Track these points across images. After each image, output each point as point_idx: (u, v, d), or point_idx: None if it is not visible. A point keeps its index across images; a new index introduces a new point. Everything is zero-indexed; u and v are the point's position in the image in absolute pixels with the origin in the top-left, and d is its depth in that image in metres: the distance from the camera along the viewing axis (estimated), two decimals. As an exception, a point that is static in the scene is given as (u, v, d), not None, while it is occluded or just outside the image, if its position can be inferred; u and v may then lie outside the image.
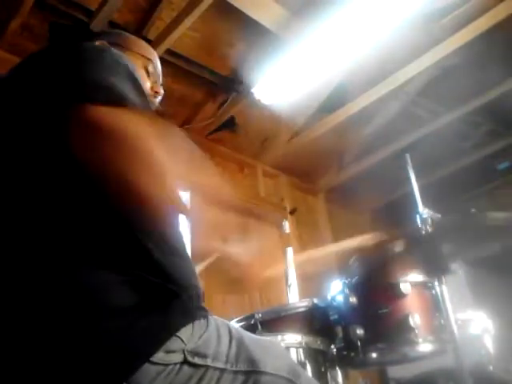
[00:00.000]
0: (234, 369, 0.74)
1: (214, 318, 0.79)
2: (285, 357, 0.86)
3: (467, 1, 2.68)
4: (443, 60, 2.95)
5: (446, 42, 2.83)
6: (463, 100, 3.37)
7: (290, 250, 3.64)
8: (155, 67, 1.24)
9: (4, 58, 2.59)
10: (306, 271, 0.82)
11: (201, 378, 0.70)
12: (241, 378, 0.74)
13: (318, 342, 1.60)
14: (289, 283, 3.57)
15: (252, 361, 0.76)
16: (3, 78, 0.92)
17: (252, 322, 1.63)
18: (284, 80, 2.91)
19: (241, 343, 0.78)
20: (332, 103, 3.31)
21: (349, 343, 1.66)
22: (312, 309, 1.74)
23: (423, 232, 1.46)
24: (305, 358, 1.54)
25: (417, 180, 1.73)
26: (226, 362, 0.74)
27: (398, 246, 1.47)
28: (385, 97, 3.22)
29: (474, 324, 1.75)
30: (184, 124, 3.28)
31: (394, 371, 2.44)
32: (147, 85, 1.19)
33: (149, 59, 1.23)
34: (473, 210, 1.35)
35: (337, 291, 1.77)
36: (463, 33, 2.76)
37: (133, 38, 1.29)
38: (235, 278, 0.89)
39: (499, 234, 1.38)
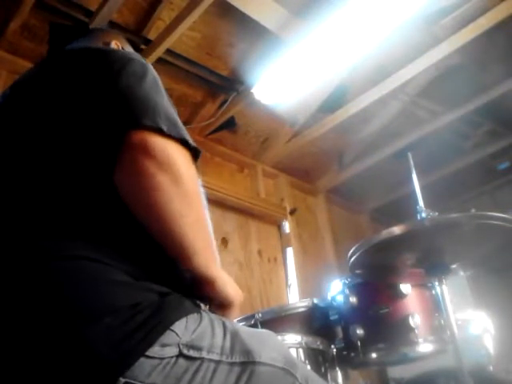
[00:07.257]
0: (229, 360, 0.73)
1: (207, 313, 0.79)
2: (281, 348, 0.84)
3: (467, 1, 2.68)
4: (443, 60, 2.94)
5: (446, 41, 2.83)
6: (463, 100, 3.36)
7: (289, 250, 3.64)
8: None
9: (4, 57, 2.59)
10: None
11: (197, 370, 0.70)
12: (237, 369, 0.73)
13: (318, 342, 1.60)
14: (289, 283, 3.57)
15: (247, 352, 0.75)
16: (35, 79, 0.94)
17: (252, 322, 1.63)
18: (284, 80, 2.90)
19: (235, 335, 0.77)
20: (332, 103, 3.31)
21: (349, 343, 1.66)
22: (312, 309, 1.74)
23: (423, 231, 1.46)
24: (305, 358, 1.54)
25: (417, 180, 1.73)
26: (221, 353, 0.73)
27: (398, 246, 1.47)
28: (385, 97, 3.22)
29: (474, 324, 1.75)
30: (184, 124, 3.25)
31: (394, 371, 2.44)
32: None
33: None
34: (473, 210, 1.35)
35: (337, 291, 1.77)
36: (463, 33, 2.76)
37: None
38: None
39: (499, 234, 1.38)
